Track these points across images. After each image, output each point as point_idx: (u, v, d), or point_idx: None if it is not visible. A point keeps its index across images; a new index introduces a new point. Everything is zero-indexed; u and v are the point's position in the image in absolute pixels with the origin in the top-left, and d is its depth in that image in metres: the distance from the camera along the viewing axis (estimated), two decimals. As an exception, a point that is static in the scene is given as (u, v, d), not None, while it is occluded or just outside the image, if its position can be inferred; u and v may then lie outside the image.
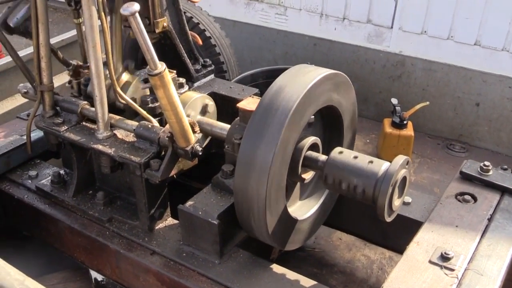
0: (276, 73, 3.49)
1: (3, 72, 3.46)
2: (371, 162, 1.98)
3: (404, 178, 2.03)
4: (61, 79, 3.62)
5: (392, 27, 6.22)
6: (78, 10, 2.58)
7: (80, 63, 2.63)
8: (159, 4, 2.44)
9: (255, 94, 2.65)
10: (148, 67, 1.92)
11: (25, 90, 2.61)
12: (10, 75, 3.53)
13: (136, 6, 1.76)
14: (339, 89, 2.17)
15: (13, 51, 2.46)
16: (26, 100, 3.53)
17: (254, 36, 4.09)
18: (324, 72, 2.06)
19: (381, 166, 1.97)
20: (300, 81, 1.99)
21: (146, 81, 2.28)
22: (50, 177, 2.63)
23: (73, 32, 3.88)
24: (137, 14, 1.77)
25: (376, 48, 3.76)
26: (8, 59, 3.53)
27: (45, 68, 2.38)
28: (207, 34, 3.27)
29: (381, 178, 1.94)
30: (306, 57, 3.89)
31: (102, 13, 2.13)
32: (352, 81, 2.26)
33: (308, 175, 2.17)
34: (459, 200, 2.34)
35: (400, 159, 1.97)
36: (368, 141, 3.70)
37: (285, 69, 3.50)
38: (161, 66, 1.91)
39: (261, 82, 3.47)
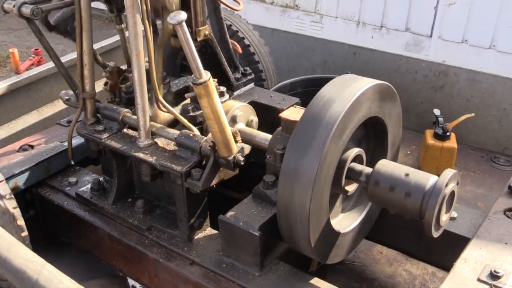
0: (315, 82, 3.48)
1: (43, 78, 3.51)
2: (418, 175, 1.92)
3: (453, 193, 1.96)
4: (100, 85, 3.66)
5: (431, 36, 6.11)
6: (120, 16, 2.60)
7: (118, 66, 2.65)
8: (201, 13, 2.43)
9: (296, 104, 2.61)
10: (192, 75, 1.90)
11: (67, 97, 2.63)
12: (50, 81, 3.58)
13: (183, 15, 1.74)
14: (385, 100, 2.12)
15: (57, 59, 2.48)
16: (65, 106, 3.58)
17: (292, 44, 4.06)
18: (369, 83, 2.01)
19: (429, 179, 1.91)
20: (345, 92, 1.94)
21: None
22: (89, 184, 2.63)
23: (111, 40, 3.91)
24: (184, 23, 1.75)
25: (418, 57, 3.68)
26: (48, 66, 3.58)
27: (88, 75, 2.39)
28: (246, 42, 3.25)
29: (429, 192, 1.88)
30: (345, 66, 3.83)
31: (146, 22, 2.13)
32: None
33: (351, 187, 2.11)
34: (508, 216, 2.25)
35: (449, 172, 1.90)
36: (408, 152, 3.62)
37: (325, 78, 3.50)
38: (206, 75, 1.89)
39: (300, 91, 3.43)
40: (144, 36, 2.13)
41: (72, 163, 2.75)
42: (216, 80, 2.38)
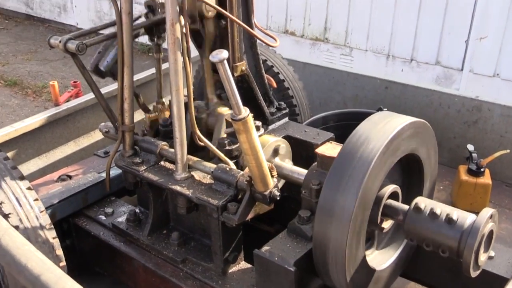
0: (347, 116, 3.50)
1: (81, 110, 3.60)
2: (456, 213, 1.91)
3: (491, 232, 1.94)
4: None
5: (462, 70, 6.10)
6: (159, 46, 2.68)
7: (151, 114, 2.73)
8: (238, 49, 2.49)
9: (331, 139, 2.63)
10: (232, 111, 1.94)
11: (106, 130, 2.70)
12: (87, 113, 3.67)
13: (225, 54, 1.79)
14: (421, 137, 2.13)
15: (99, 92, 2.56)
16: (101, 137, 3.66)
17: (324, 78, 4.10)
18: (406, 120, 2.02)
19: (467, 218, 1.90)
20: (382, 130, 1.95)
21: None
22: (125, 215, 2.68)
23: (144, 74, 3.99)
24: (225, 61, 1.80)
25: (450, 92, 3.68)
26: (85, 98, 3.68)
27: (128, 109, 2.46)
28: (281, 77, 3.30)
29: (467, 231, 1.87)
30: (377, 100, 3.85)
31: (187, 58, 2.19)
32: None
33: (387, 224, 2.11)
34: (546, 256, 2.22)
35: (487, 212, 1.89)
36: (441, 187, 3.59)
37: (357, 112, 3.53)
38: (245, 112, 1.93)
39: (332, 124, 3.45)
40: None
41: (109, 191, 2.79)
42: (252, 114, 2.42)
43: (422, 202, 1.99)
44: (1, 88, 8.14)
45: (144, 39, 2.71)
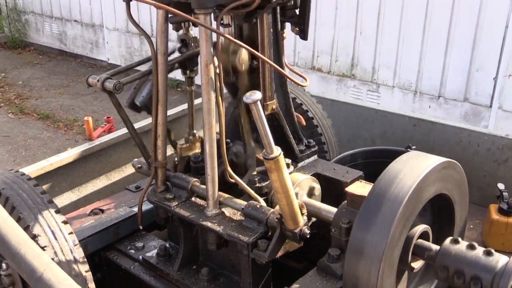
0: (376, 154, 3.51)
1: (113, 145, 3.68)
2: (488, 254, 1.90)
3: (524, 275, 1.92)
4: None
5: (491, 106, 6.08)
6: (192, 79, 2.76)
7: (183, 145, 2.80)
8: (269, 88, 2.55)
9: (360, 177, 2.65)
10: (264, 150, 1.98)
11: (139, 165, 2.77)
12: (119, 147, 3.76)
13: (258, 95, 1.84)
14: (451, 177, 2.14)
15: (133, 130, 2.63)
16: (132, 171, 3.74)
17: (352, 115, 4.13)
18: (436, 161, 2.03)
19: (499, 260, 1.89)
20: (412, 170, 1.97)
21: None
22: (156, 250, 2.71)
23: (175, 110, 4.08)
24: (258, 102, 1.85)
25: (480, 130, 3.67)
26: (117, 133, 3.77)
27: (161, 145, 2.52)
28: (310, 114, 3.34)
29: (500, 272, 1.85)
30: (406, 138, 3.85)
31: (220, 98, 2.25)
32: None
33: (417, 264, 2.10)
34: None
35: (520, 254, 1.88)
36: (472, 226, 3.55)
37: (385, 150, 3.54)
38: (277, 151, 1.97)
39: (361, 162, 3.45)
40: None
41: (141, 228, 2.84)
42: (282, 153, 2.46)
43: (453, 241, 1.98)
44: (34, 121, 8.37)
45: (172, 74, 2.80)
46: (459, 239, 2.01)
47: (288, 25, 2.78)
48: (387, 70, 6.85)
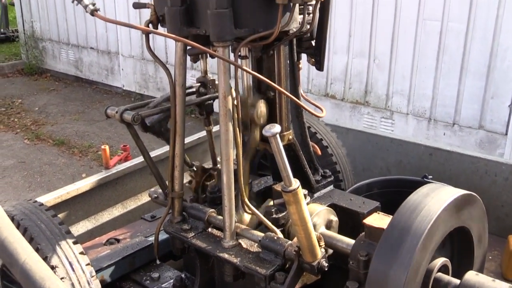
0: (392, 183, 3.49)
1: (130, 173, 3.70)
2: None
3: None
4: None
5: (506, 134, 6.03)
6: (209, 119, 2.78)
7: (203, 166, 2.81)
8: (286, 120, 2.56)
9: (376, 208, 2.63)
10: (282, 183, 1.98)
11: (156, 195, 2.78)
12: (135, 176, 3.77)
13: (277, 128, 1.85)
14: (470, 210, 2.12)
15: (150, 160, 2.64)
16: (147, 200, 3.75)
17: (367, 143, 4.12)
18: (455, 193, 2.02)
19: (521, 295, 1.86)
20: (431, 203, 1.96)
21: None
22: (172, 280, 2.70)
23: (191, 138, 4.11)
24: (278, 135, 1.86)
25: (497, 160, 3.64)
26: (134, 161, 3.79)
27: (178, 176, 2.53)
28: (324, 143, 3.34)
29: (522, 309, 1.83)
30: (421, 167, 3.83)
31: (237, 130, 2.26)
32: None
33: (437, 298, 2.08)
34: None
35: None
36: (490, 258, 3.50)
37: (401, 180, 3.52)
38: (295, 183, 1.97)
39: (377, 192, 3.44)
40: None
41: (157, 256, 2.84)
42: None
43: (473, 276, 1.97)
44: (50, 147, 8.44)
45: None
46: (480, 274, 1.99)
47: (304, 55, 2.81)
48: (401, 97, 6.84)
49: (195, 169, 2.86)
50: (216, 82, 2.62)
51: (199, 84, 2.74)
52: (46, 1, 11.38)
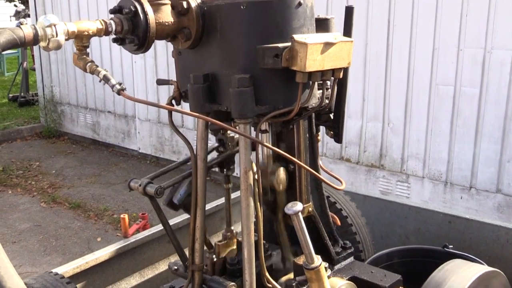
0: (412, 253, 3.46)
1: (148, 242, 3.71)
2: None
3: None
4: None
5: (525, 198, 5.99)
6: (229, 177, 2.81)
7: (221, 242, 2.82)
8: (306, 191, 2.59)
9: (398, 282, 2.60)
10: (304, 260, 1.99)
11: (176, 267, 2.78)
12: (153, 244, 3.78)
13: (299, 206, 1.88)
14: (495, 286, 2.09)
15: (171, 232, 2.66)
16: (165, 268, 3.74)
17: (385, 211, 4.11)
18: (479, 271, 2.01)
19: None
20: (456, 281, 1.95)
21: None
22: None
23: (208, 206, 4.13)
24: (300, 213, 1.88)
25: (519, 228, 3.61)
26: (152, 230, 3.81)
27: (199, 249, 2.53)
28: (344, 213, 3.34)
29: None
30: (441, 235, 3.80)
31: (258, 204, 2.29)
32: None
33: None
34: None
35: None
36: (515, 330, 3.41)
37: (421, 249, 3.49)
38: (318, 260, 1.97)
39: (397, 261, 3.40)
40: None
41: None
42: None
43: None
44: (66, 210, 8.48)
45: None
46: None
47: (322, 127, 2.86)
48: (416, 161, 6.85)
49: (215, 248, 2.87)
50: (235, 137, 2.68)
51: (218, 141, 2.78)
52: (66, 67, 11.73)
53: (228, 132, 2.84)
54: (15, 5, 14.23)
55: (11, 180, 9.73)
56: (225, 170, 2.84)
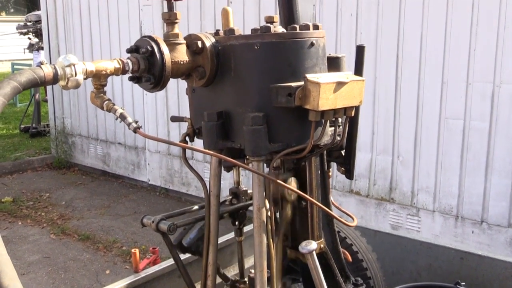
0: (424, 290, 3.43)
1: (159, 277, 3.70)
2: None
3: None
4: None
5: (537, 233, 5.94)
6: (241, 230, 2.83)
7: (237, 279, 2.81)
8: (317, 228, 2.59)
9: (410, 319, 2.58)
10: (317, 298, 1.99)
11: (187, 304, 2.77)
12: (164, 279, 3.76)
13: (314, 245, 1.89)
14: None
15: (184, 270, 2.68)
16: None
17: (396, 246, 4.09)
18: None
19: None
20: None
21: None
22: None
23: (220, 240, 4.13)
24: (314, 252, 1.89)
25: (532, 265, 3.57)
26: (163, 265, 3.79)
27: (211, 286, 2.54)
28: (354, 248, 3.33)
29: None
30: (452, 271, 3.77)
31: (271, 240, 2.30)
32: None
33: None
34: None
35: None
36: None
37: (432, 286, 3.46)
38: (331, 298, 1.97)
39: (409, 298, 3.37)
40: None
41: None
42: (331, 294, 2.45)
43: None
44: (75, 242, 8.49)
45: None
46: None
47: (333, 163, 2.88)
48: (426, 194, 6.83)
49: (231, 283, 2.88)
50: (249, 191, 2.69)
51: (232, 194, 2.81)
52: (78, 98, 11.89)
53: (242, 185, 2.87)
54: (29, 38, 14.45)
55: (21, 211, 9.78)
56: (237, 223, 2.87)
